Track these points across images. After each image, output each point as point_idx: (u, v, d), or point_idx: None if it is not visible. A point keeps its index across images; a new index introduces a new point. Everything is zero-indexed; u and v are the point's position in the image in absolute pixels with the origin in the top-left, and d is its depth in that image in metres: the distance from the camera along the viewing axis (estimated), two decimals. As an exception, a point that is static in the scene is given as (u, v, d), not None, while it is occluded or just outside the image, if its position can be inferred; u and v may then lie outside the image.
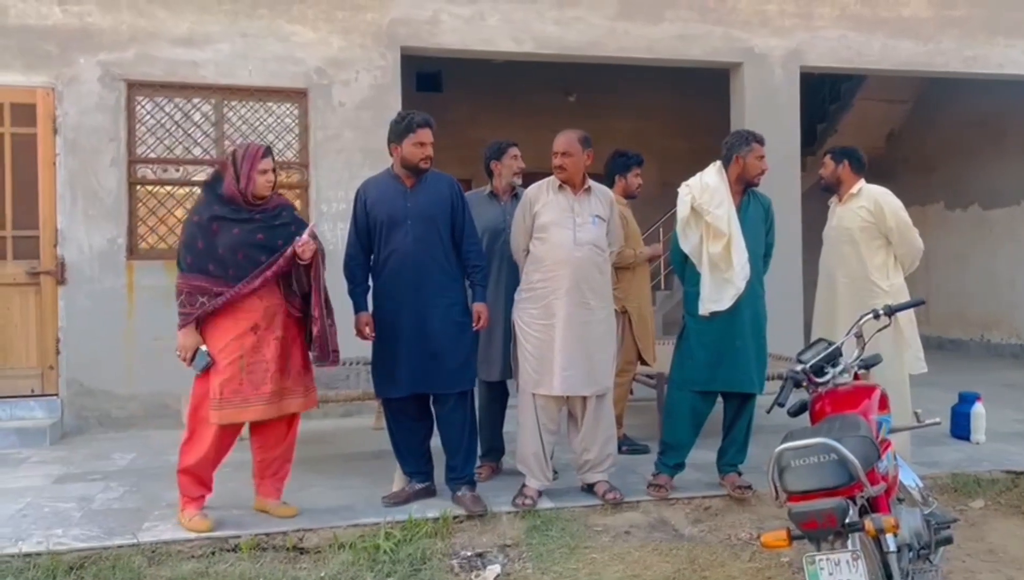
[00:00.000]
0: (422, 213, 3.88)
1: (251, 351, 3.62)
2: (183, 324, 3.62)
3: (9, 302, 5.73)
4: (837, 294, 4.67)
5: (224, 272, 3.61)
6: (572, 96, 10.46)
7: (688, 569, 3.41)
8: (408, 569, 3.37)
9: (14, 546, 3.44)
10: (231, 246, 3.62)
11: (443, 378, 3.87)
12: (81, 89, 5.84)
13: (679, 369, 4.21)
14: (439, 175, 4.01)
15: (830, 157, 4.78)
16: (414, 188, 3.93)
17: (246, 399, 3.61)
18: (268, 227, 3.71)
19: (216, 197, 3.68)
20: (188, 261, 3.64)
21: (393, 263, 3.91)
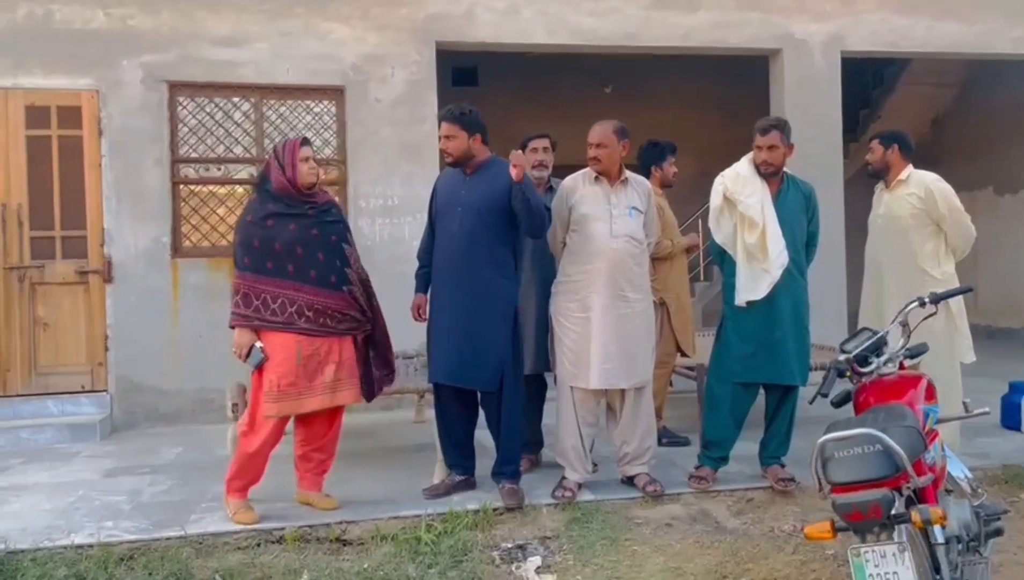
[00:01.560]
0: (472, 203, 3.87)
1: (306, 344, 3.67)
2: (236, 325, 3.66)
3: (59, 301, 5.88)
4: (885, 284, 4.57)
5: (283, 269, 3.66)
6: (608, 88, 10.40)
7: (731, 562, 3.38)
8: (449, 561, 3.39)
9: (67, 538, 3.53)
10: (288, 241, 3.66)
11: (475, 374, 3.87)
12: (124, 91, 5.96)
13: (718, 361, 4.16)
14: (499, 164, 3.93)
15: (878, 142, 4.68)
16: (471, 177, 3.93)
17: (301, 392, 3.66)
18: (321, 222, 3.76)
19: (268, 194, 3.74)
20: (246, 261, 3.68)
21: (442, 251, 3.96)
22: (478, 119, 3.93)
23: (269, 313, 3.64)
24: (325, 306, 3.70)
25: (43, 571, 3.17)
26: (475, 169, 3.93)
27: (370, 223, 6.34)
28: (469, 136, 3.89)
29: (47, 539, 3.51)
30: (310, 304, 3.67)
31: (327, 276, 3.73)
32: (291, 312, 3.65)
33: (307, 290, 3.68)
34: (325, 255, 3.74)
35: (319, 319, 3.69)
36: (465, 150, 3.90)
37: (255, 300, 3.64)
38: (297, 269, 3.67)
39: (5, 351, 5.77)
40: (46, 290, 5.86)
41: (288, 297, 3.66)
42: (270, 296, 3.64)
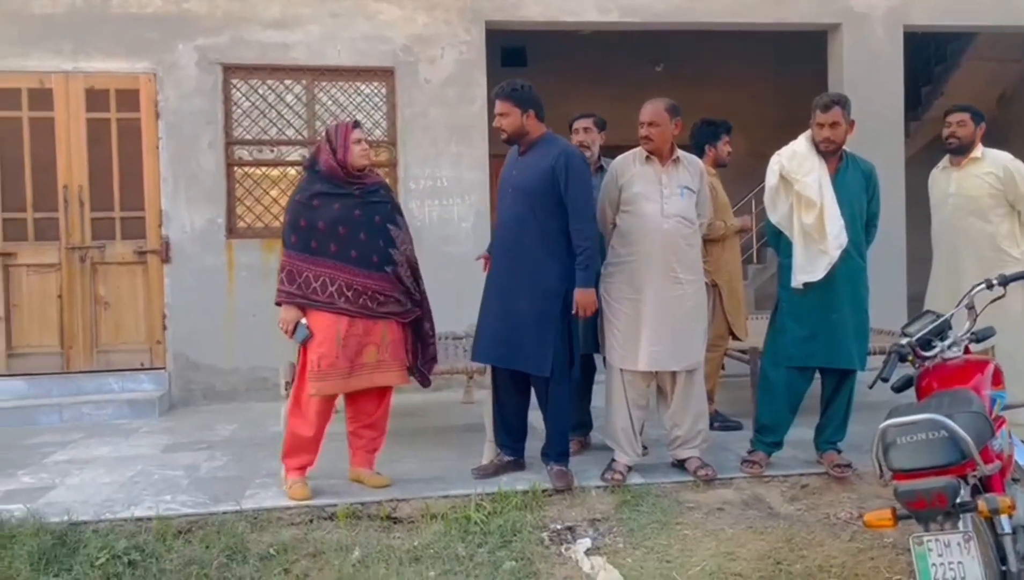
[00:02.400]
0: (521, 185, 3.84)
1: (347, 325, 3.70)
2: (281, 301, 3.72)
3: (119, 280, 6.03)
4: (962, 266, 4.40)
5: (326, 248, 3.69)
6: (659, 66, 10.22)
7: (784, 548, 3.33)
8: (499, 540, 3.40)
9: (127, 510, 3.63)
10: (331, 221, 3.69)
11: (517, 357, 3.84)
12: (180, 74, 6.06)
13: (773, 344, 4.08)
14: (552, 144, 3.85)
15: (969, 116, 4.46)
16: (524, 157, 3.90)
17: (341, 372, 3.70)
18: (366, 203, 3.78)
19: (316, 175, 3.78)
20: (292, 240, 3.73)
21: (497, 231, 3.97)
22: (531, 95, 3.86)
23: (311, 291, 3.68)
24: (365, 286, 3.71)
25: (104, 542, 3.26)
26: (528, 147, 3.89)
27: (419, 205, 6.35)
28: (522, 112, 3.83)
29: (108, 511, 3.61)
30: (350, 284, 3.69)
31: (368, 256, 3.74)
32: (331, 291, 3.68)
33: (348, 270, 3.70)
34: (368, 235, 3.75)
35: (359, 299, 3.70)
36: (519, 127, 3.85)
37: (298, 278, 3.69)
38: (339, 249, 3.70)
39: (68, 329, 5.95)
40: (106, 270, 6.01)
41: (329, 276, 3.69)
42: (312, 274, 3.68)
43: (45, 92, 5.90)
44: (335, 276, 3.69)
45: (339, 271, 3.70)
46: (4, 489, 4.01)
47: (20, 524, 3.34)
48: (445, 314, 5.75)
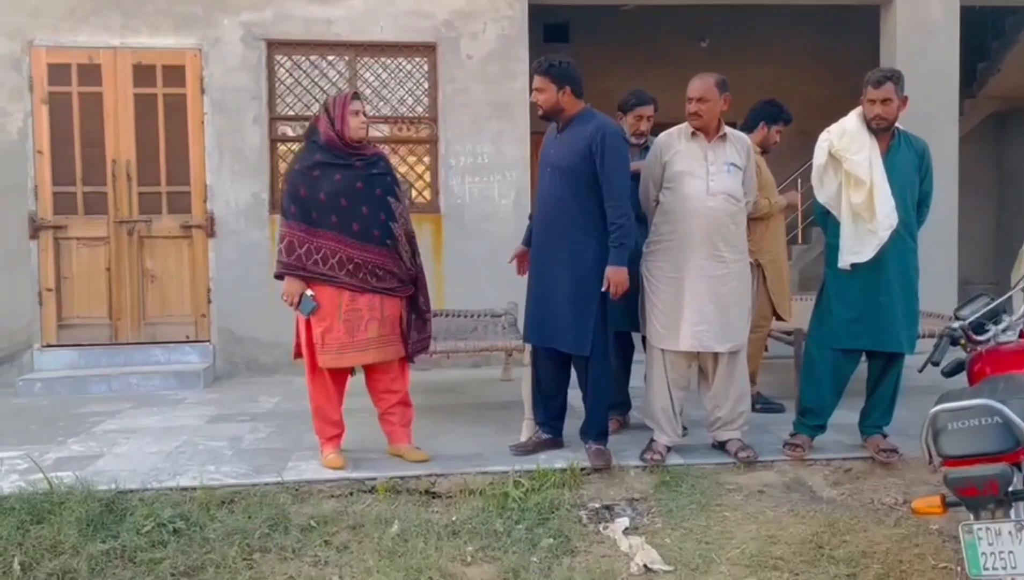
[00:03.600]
0: (559, 162, 3.80)
1: (348, 300, 3.70)
2: (281, 273, 3.71)
3: (166, 254, 6.13)
4: None
5: (327, 220, 3.68)
6: (705, 42, 10.02)
7: (827, 532, 3.27)
8: (536, 517, 3.40)
9: (172, 480, 3.70)
10: (332, 192, 3.68)
11: (559, 336, 3.82)
12: (225, 50, 6.10)
13: (818, 326, 4.00)
14: (589, 119, 3.78)
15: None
16: (561, 134, 3.86)
17: (343, 346, 3.71)
18: (367, 175, 3.76)
19: (316, 145, 3.76)
20: (292, 210, 3.71)
21: (538, 209, 3.94)
22: (569, 71, 3.79)
23: (311, 263, 3.67)
24: (365, 260, 3.70)
25: (150, 511, 3.33)
26: (566, 124, 3.84)
27: (460, 182, 6.34)
28: (559, 89, 3.78)
29: (154, 480, 3.69)
30: (350, 257, 3.68)
31: (369, 230, 3.72)
32: (332, 263, 3.67)
33: (349, 243, 3.69)
34: (369, 208, 3.73)
35: (359, 273, 3.70)
36: (555, 103, 3.80)
37: (298, 249, 3.67)
38: (340, 221, 3.68)
39: (116, 301, 6.07)
40: (153, 243, 6.11)
41: (330, 249, 3.67)
42: (313, 246, 3.67)
43: (94, 68, 5.99)
44: (336, 249, 3.68)
45: (340, 244, 3.68)
46: (55, 456, 4.12)
47: (69, 491, 3.43)
48: (484, 291, 5.76)
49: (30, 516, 3.26)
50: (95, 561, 3.03)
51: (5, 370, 5.85)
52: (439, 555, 3.11)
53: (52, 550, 3.07)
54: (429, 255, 6.24)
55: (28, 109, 5.93)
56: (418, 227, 6.13)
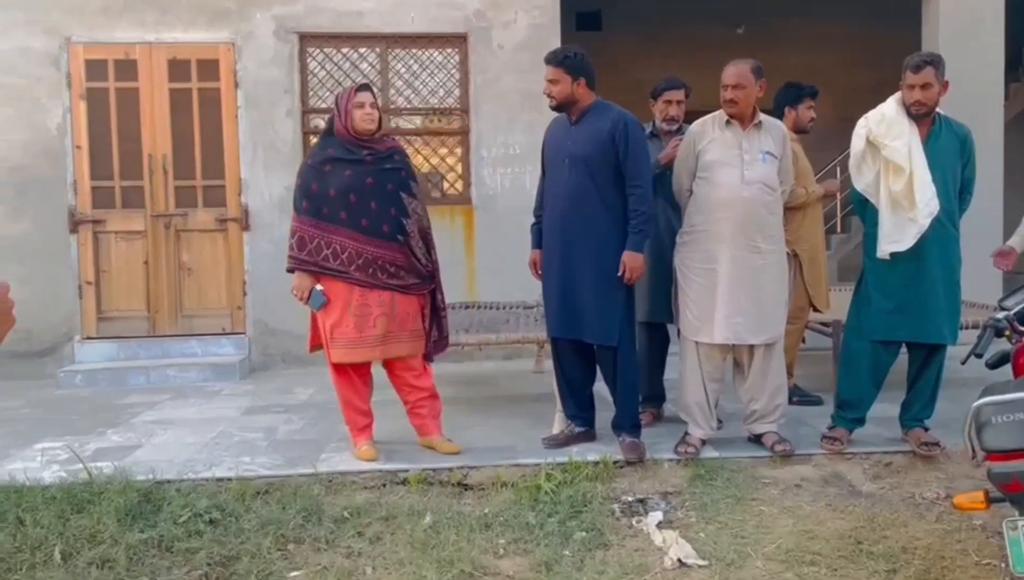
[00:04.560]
0: (577, 151, 3.75)
1: (358, 296, 3.70)
2: (292, 268, 3.73)
3: (202, 247, 6.21)
4: None
5: (336, 216, 3.67)
6: (740, 28, 9.88)
7: (867, 527, 3.21)
8: (569, 510, 3.38)
9: (208, 471, 3.75)
10: (342, 188, 3.67)
11: (585, 327, 3.78)
12: (257, 43, 6.14)
13: (856, 317, 3.92)
14: (606, 110, 3.79)
15: None
16: (577, 125, 3.82)
17: (352, 342, 3.71)
18: (379, 170, 3.73)
19: (329, 139, 3.78)
20: (304, 205, 3.72)
21: (551, 202, 3.87)
22: (583, 63, 3.76)
23: (322, 258, 3.68)
24: (375, 256, 3.69)
25: (187, 501, 3.37)
26: (580, 115, 3.80)
27: (491, 173, 6.32)
28: (573, 80, 3.74)
29: (191, 471, 3.74)
30: (360, 253, 3.67)
31: (379, 225, 3.70)
32: (342, 259, 3.67)
33: (358, 238, 3.68)
34: (378, 204, 3.71)
35: (369, 269, 3.68)
36: (568, 95, 3.76)
37: (309, 244, 3.68)
38: (350, 217, 3.67)
39: (154, 294, 6.17)
40: (189, 237, 6.19)
41: (340, 244, 3.67)
42: (324, 241, 3.67)
43: (130, 63, 6.07)
44: (345, 244, 3.67)
45: (350, 239, 3.68)
46: (95, 447, 4.20)
47: (109, 481, 3.48)
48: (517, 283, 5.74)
49: (70, 506, 3.32)
50: (133, 550, 3.07)
51: (47, 362, 5.97)
52: (471, 547, 3.11)
53: (92, 539, 3.12)
54: (461, 247, 6.25)
55: (67, 105, 6.03)
56: (450, 219, 6.22)
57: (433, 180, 6.42)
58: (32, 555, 3.04)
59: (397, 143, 4.05)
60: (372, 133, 3.75)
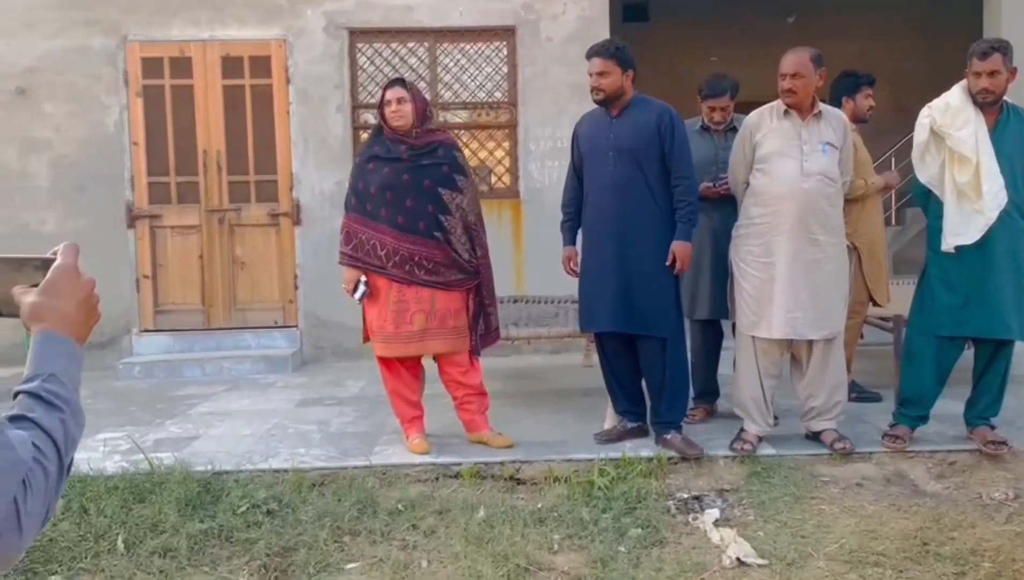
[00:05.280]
0: (623, 144, 3.72)
1: (396, 291, 3.73)
2: (342, 263, 3.82)
3: (255, 241, 6.30)
4: None
5: (377, 212, 3.72)
6: (792, 17, 9.69)
7: (932, 528, 3.12)
8: (623, 507, 3.35)
9: (265, 462, 3.80)
10: (380, 185, 3.72)
11: (634, 319, 3.74)
12: (308, 40, 6.19)
13: (919, 312, 3.82)
14: (649, 104, 3.79)
15: None
16: (619, 118, 3.78)
17: (388, 336, 3.75)
18: (416, 167, 3.73)
19: (377, 137, 3.83)
20: (352, 202, 3.82)
21: (594, 197, 3.83)
22: (631, 55, 3.74)
23: (365, 254, 3.74)
24: (411, 253, 3.70)
25: (245, 491, 3.42)
26: (621, 109, 3.76)
27: (539, 166, 6.30)
28: (623, 73, 3.70)
29: (248, 462, 3.79)
30: (397, 249, 3.70)
31: (415, 222, 3.71)
32: (381, 255, 3.72)
33: (395, 235, 3.71)
34: (415, 201, 3.72)
35: (405, 265, 3.71)
36: (619, 87, 3.72)
37: (354, 239, 3.76)
38: (388, 214, 3.72)
39: (209, 287, 6.27)
40: (242, 231, 6.28)
41: (380, 241, 3.72)
42: (367, 237, 3.73)
43: (185, 60, 6.17)
44: (384, 241, 3.72)
45: (388, 236, 3.72)
46: (154, 438, 4.28)
47: (169, 471, 3.55)
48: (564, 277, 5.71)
49: (133, 495, 3.40)
50: (194, 540, 3.13)
51: (106, 354, 6.11)
52: (525, 542, 3.10)
53: (154, 528, 3.19)
54: (509, 240, 6.23)
55: (124, 102, 6.15)
56: (497, 212, 6.21)
57: (481, 174, 6.41)
58: (96, 543, 3.11)
59: (447, 136, 4.03)
60: (408, 129, 3.75)
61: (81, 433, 0.96)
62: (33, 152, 6.13)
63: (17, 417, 0.90)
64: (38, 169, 6.14)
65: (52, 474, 0.88)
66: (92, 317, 1.02)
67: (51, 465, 0.88)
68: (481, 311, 3.91)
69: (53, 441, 0.89)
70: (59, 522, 3.20)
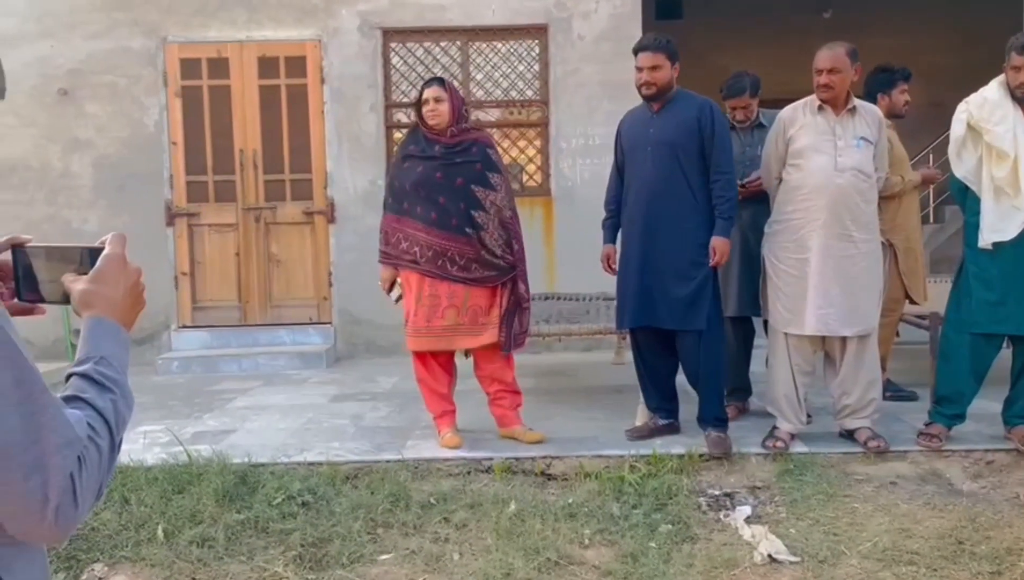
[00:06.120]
0: (662, 139, 3.72)
1: (428, 286, 3.77)
2: (380, 261, 3.90)
3: (290, 239, 6.39)
4: None
5: (412, 209, 3.78)
6: (827, 12, 9.57)
7: (968, 528, 3.08)
8: (654, 503, 3.35)
9: (300, 455, 3.86)
10: (415, 182, 3.77)
11: (670, 314, 3.74)
12: (343, 40, 6.27)
13: (956, 309, 3.77)
14: (691, 98, 3.78)
15: None
16: (660, 113, 3.78)
17: (419, 331, 3.80)
18: (449, 165, 3.78)
19: (414, 135, 3.89)
20: (388, 200, 3.90)
21: (634, 191, 3.84)
22: (678, 49, 3.76)
23: (399, 251, 3.80)
24: (444, 248, 3.74)
25: (280, 483, 3.48)
26: (664, 105, 3.76)
27: (571, 164, 6.31)
28: (672, 66, 3.71)
29: (283, 455, 3.86)
30: (430, 245, 3.75)
31: (447, 219, 3.75)
32: (415, 252, 3.77)
33: (429, 231, 3.75)
34: (447, 198, 3.76)
35: (438, 261, 3.75)
36: (669, 81, 3.72)
37: (391, 238, 3.83)
38: (423, 210, 3.77)
39: (245, 284, 6.38)
40: (278, 229, 6.38)
41: (413, 237, 3.77)
42: (402, 235, 3.80)
43: (222, 61, 6.28)
44: (418, 237, 3.77)
45: (421, 232, 3.77)
46: (192, 431, 4.37)
47: (207, 463, 3.63)
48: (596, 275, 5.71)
49: (172, 486, 3.47)
50: (231, 530, 3.19)
51: (146, 350, 6.24)
52: (556, 536, 3.12)
53: (192, 519, 3.26)
54: (540, 238, 6.25)
55: (163, 103, 6.28)
56: (529, 210, 6.23)
57: (513, 172, 6.44)
58: (137, 533, 3.19)
59: (482, 134, 4.08)
60: (444, 128, 3.79)
61: (131, 413, 1.01)
62: (76, 152, 6.28)
63: (71, 398, 0.94)
64: (81, 168, 6.29)
65: (105, 452, 0.92)
66: (139, 304, 1.07)
67: (104, 443, 0.92)
68: (516, 308, 3.91)
69: (105, 420, 0.94)
70: (100, 511, 3.29)
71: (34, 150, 6.26)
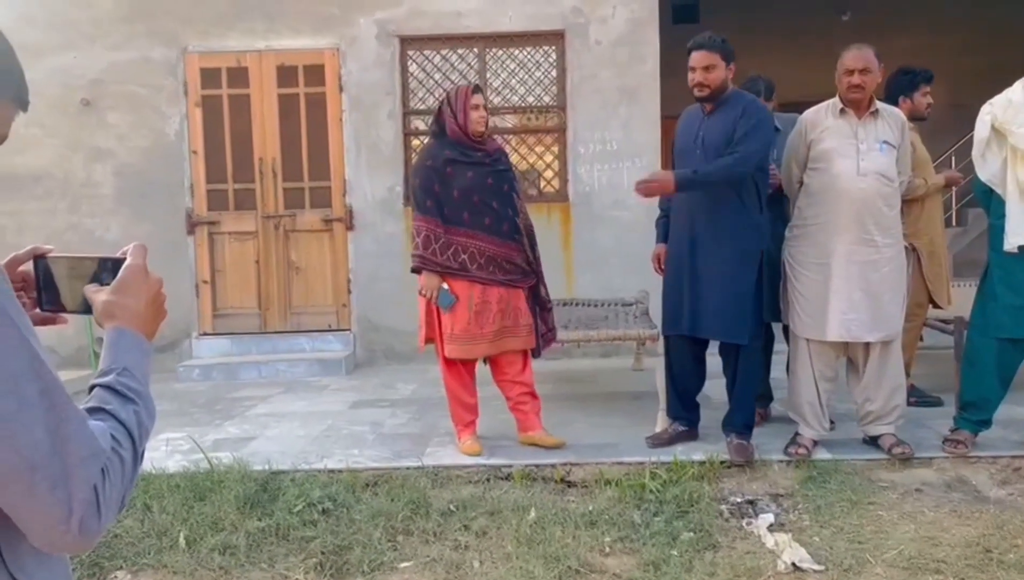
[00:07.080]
0: (711, 142, 3.65)
1: (479, 293, 3.76)
2: (419, 267, 3.78)
3: (309, 246, 6.42)
4: None
5: (459, 217, 3.74)
6: (846, 15, 9.49)
7: (995, 535, 3.03)
8: (675, 510, 3.33)
9: (320, 462, 3.87)
10: (466, 190, 3.74)
11: (709, 324, 3.70)
12: (361, 48, 6.29)
13: (981, 313, 3.72)
14: (740, 98, 3.69)
15: None
16: (711, 115, 3.72)
17: (473, 338, 3.78)
18: (495, 171, 3.82)
19: (445, 141, 3.81)
20: (428, 204, 3.76)
21: (681, 196, 3.78)
22: (731, 48, 3.67)
23: (445, 258, 3.75)
24: (496, 254, 3.76)
25: (301, 490, 3.48)
26: (716, 106, 3.68)
27: (588, 169, 6.29)
28: (726, 66, 3.63)
29: (304, 462, 3.87)
30: (482, 251, 3.74)
31: (500, 225, 3.77)
32: (464, 259, 3.74)
33: (481, 238, 3.74)
34: (499, 204, 3.78)
35: (489, 267, 3.75)
36: (723, 81, 3.64)
37: (434, 243, 3.74)
38: (472, 217, 3.74)
39: (265, 292, 6.41)
40: (297, 237, 6.41)
41: (462, 244, 3.74)
42: (447, 241, 3.75)
43: (241, 70, 6.32)
44: (467, 244, 3.74)
45: (472, 239, 3.75)
46: (213, 438, 4.39)
47: (228, 470, 3.64)
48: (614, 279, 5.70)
49: (193, 494, 3.48)
50: (252, 537, 3.20)
51: (167, 357, 6.29)
52: (577, 544, 3.10)
53: (214, 526, 3.26)
54: (558, 244, 6.24)
55: (183, 112, 6.33)
56: (546, 216, 6.22)
57: (530, 178, 6.44)
58: (159, 540, 3.20)
59: (500, 145, 4.15)
60: (483, 134, 3.81)
61: (153, 424, 1.01)
62: (98, 161, 6.35)
63: (94, 409, 0.94)
64: (103, 177, 6.36)
65: (128, 463, 0.92)
66: (160, 314, 1.07)
67: (127, 454, 0.92)
68: (542, 309, 3.98)
69: (128, 432, 0.94)
70: (123, 519, 3.31)
71: (57, 160, 6.33)
